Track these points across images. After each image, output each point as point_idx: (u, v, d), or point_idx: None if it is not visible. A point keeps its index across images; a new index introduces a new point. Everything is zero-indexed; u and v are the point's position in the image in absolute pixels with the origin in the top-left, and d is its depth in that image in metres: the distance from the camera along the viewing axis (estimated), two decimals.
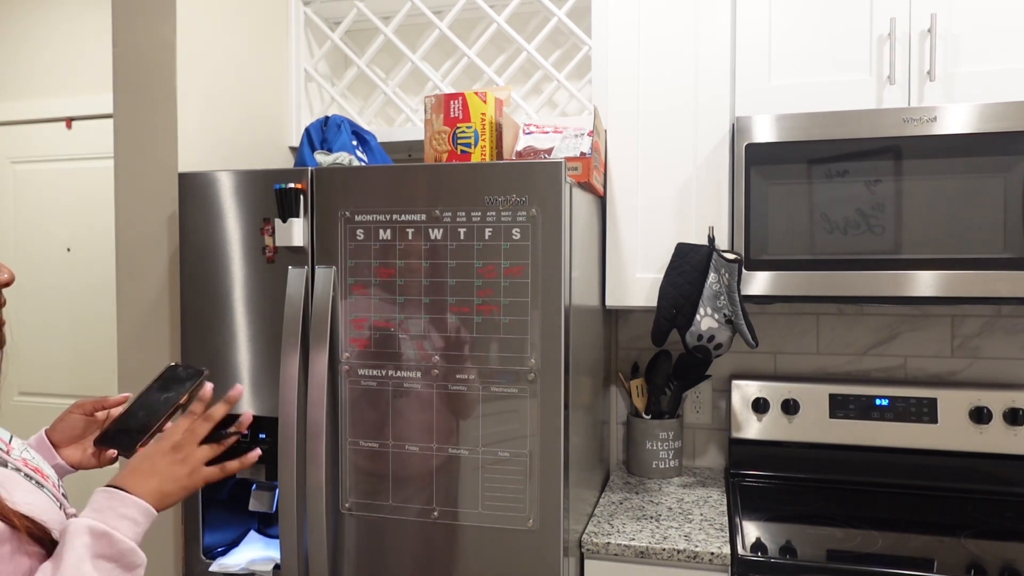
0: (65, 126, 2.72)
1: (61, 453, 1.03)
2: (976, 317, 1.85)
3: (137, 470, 0.88)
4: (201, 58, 1.65)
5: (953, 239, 1.48)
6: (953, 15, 1.54)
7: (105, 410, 1.07)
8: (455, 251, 1.37)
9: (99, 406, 1.06)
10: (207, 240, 1.51)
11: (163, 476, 0.88)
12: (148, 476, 0.87)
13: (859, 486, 1.81)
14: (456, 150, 1.53)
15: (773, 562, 1.39)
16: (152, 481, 0.87)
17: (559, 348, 1.33)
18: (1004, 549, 1.44)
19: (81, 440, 1.05)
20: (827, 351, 1.94)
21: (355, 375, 1.43)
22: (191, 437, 0.92)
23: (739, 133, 1.58)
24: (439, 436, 1.39)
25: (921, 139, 1.48)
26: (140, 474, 0.87)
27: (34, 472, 0.84)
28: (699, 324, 1.60)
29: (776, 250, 1.57)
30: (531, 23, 2.10)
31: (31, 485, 0.81)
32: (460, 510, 1.38)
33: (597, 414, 1.81)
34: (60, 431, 1.04)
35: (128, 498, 0.84)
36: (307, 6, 2.04)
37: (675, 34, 1.70)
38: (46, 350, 2.80)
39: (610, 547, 1.49)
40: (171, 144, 1.60)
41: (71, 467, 1.03)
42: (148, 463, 0.89)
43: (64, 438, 1.04)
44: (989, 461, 1.75)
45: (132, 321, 1.65)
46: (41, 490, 0.83)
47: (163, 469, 0.89)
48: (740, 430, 1.88)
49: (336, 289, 1.43)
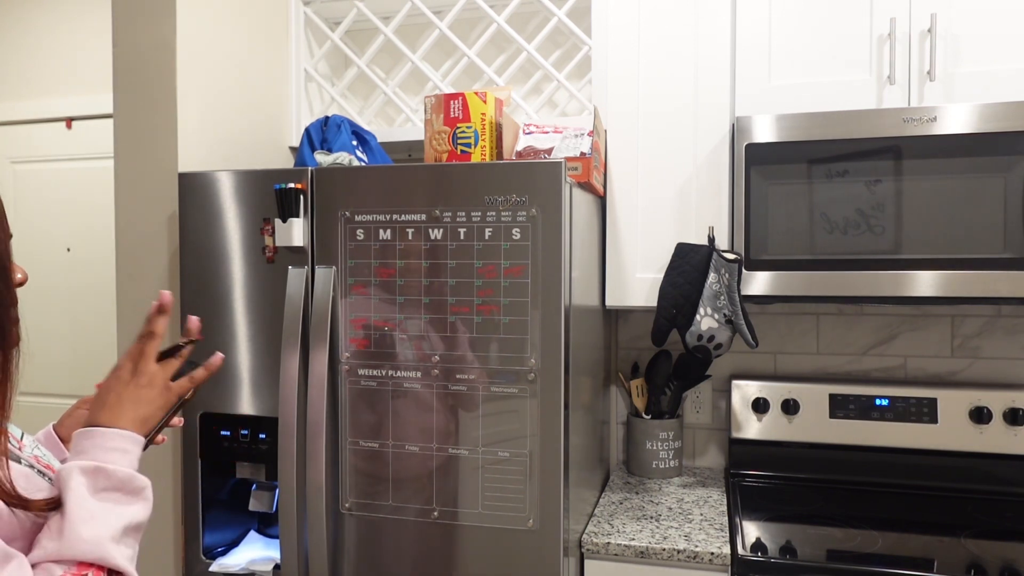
0: (65, 126, 2.73)
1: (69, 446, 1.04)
2: (976, 317, 1.85)
3: (105, 405, 0.86)
4: (201, 58, 1.65)
5: (953, 239, 1.48)
6: (953, 15, 1.54)
7: None
8: (455, 251, 1.37)
9: None
10: (207, 240, 1.51)
11: (134, 401, 0.86)
12: (118, 407, 0.85)
13: (859, 486, 1.81)
14: (456, 150, 1.53)
15: (773, 562, 1.39)
16: (125, 409, 0.85)
17: (559, 348, 1.33)
18: (1004, 549, 1.44)
19: None
20: (827, 351, 1.94)
21: (355, 375, 1.43)
22: (146, 358, 0.89)
23: (739, 133, 1.58)
24: (439, 436, 1.39)
25: (921, 139, 1.48)
26: (110, 407, 0.85)
27: (46, 469, 0.85)
28: (699, 324, 1.60)
29: (776, 250, 1.57)
30: (531, 23, 2.10)
31: (44, 482, 0.83)
32: (460, 510, 1.38)
33: (597, 414, 1.81)
34: (67, 426, 1.05)
35: (108, 431, 0.83)
36: (307, 6, 2.04)
37: (675, 34, 1.70)
38: (46, 350, 2.80)
39: (610, 547, 1.49)
40: (171, 144, 1.60)
41: None
42: (113, 395, 0.87)
43: (71, 433, 1.05)
44: (989, 461, 1.75)
45: (132, 321, 1.65)
46: (52, 486, 0.84)
47: (131, 395, 0.87)
48: (740, 430, 1.88)
49: (336, 289, 1.43)
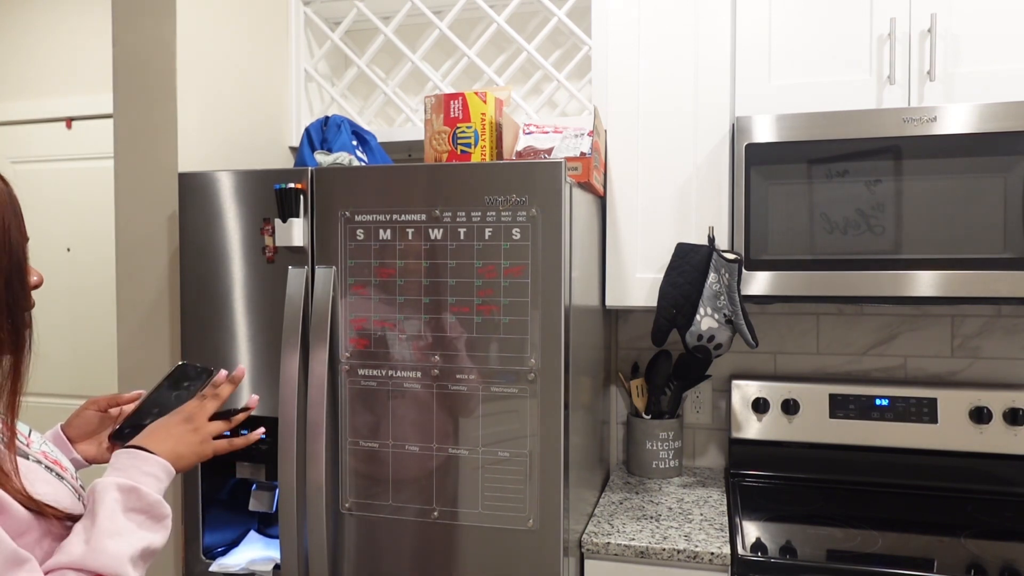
0: (65, 126, 2.72)
1: (77, 448, 1.06)
2: (976, 317, 1.85)
3: (154, 434, 0.94)
4: (201, 58, 1.65)
5: (953, 239, 1.48)
6: (953, 15, 1.54)
7: (119, 406, 1.10)
8: (455, 251, 1.37)
9: (113, 403, 1.09)
10: (207, 240, 1.51)
11: (177, 440, 0.95)
12: (164, 439, 0.94)
13: (859, 486, 1.81)
14: (456, 150, 1.53)
15: (773, 562, 1.39)
16: (168, 443, 0.93)
17: (559, 348, 1.33)
18: (1004, 549, 1.44)
19: (96, 435, 1.08)
20: (827, 351, 1.94)
21: (355, 375, 1.43)
22: (202, 411, 0.99)
23: (739, 133, 1.58)
24: (439, 436, 1.39)
25: (921, 139, 1.48)
26: (157, 437, 0.94)
27: (53, 464, 0.87)
28: (699, 324, 1.60)
29: (776, 250, 1.57)
30: (531, 23, 2.10)
31: (51, 476, 0.84)
32: (460, 510, 1.38)
33: (597, 414, 1.81)
34: (75, 427, 1.07)
35: (150, 457, 0.89)
36: (307, 6, 2.04)
37: (675, 34, 1.70)
38: (46, 350, 2.79)
39: (610, 547, 1.49)
40: (171, 144, 1.60)
41: (87, 461, 1.06)
42: (164, 429, 0.95)
43: (80, 433, 1.07)
44: (989, 461, 1.75)
45: (132, 321, 1.65)
46: (61, 482, 0.85)
47: (177, 434, 0.95)
48: (740, 430, 1.88)
49: (336, 289, 1.43)
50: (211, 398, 1.00)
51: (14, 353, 0.80)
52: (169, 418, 0.97)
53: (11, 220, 0.78)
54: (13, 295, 0.78)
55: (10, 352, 0.79)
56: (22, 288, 0.80)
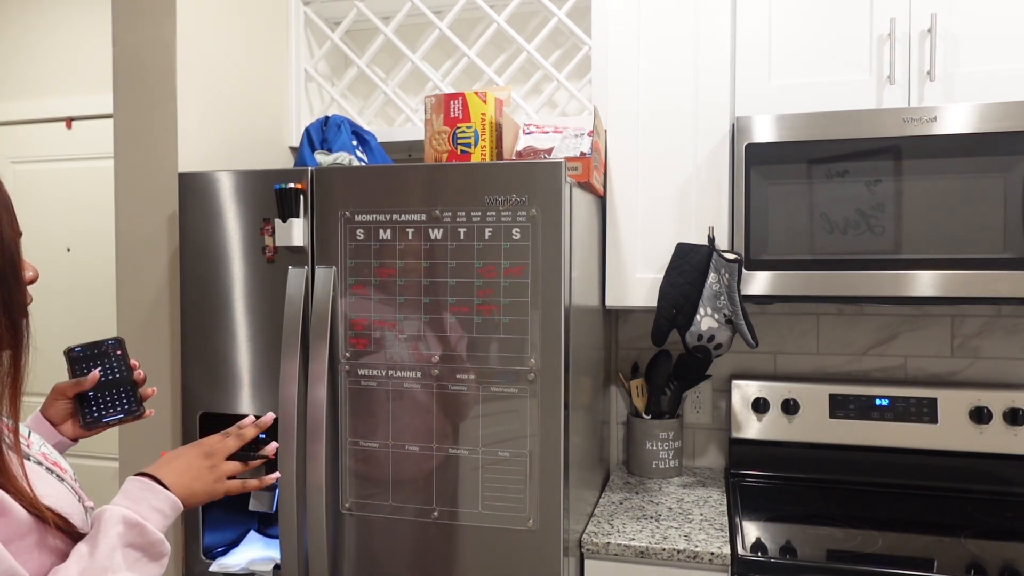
0: (65, 126, 2.72)
1: (59, 429, 1.05)
2: (976, 317, 1.85)
3: (172, 464, 0.93)
4: (201, 58, 1.65)
5: (953, 239, 1.48)
6: (953, 15, 1.54)
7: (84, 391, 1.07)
8: (455, 251, 1.37)
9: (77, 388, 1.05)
10: (207, 240, 1.51)
11: (195, 476, 0.94)
12: (182, 472, 0.93)
13: (859, 486, 1.81)
14: (456, 150, 1.53)
15: (773, 562, 1.39)
16: (185, 477, 0.92)
17: (559, 348, 1.33)
18: (1004, 549, 1.44)
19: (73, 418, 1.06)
20: (827, 351, 1.94)
21: (355, 375, 1.43)
22: (221, 449, 0.98)
23: (739, 133, 1.58)
24: (439, 436, 1.39)
25: (921, 139, 1.48)
26: (174, 468, 0.93)
27: (53, 466, 0.86)
28: (699, 324, 1.60)
29: (776, 250, 1.57)
30: (531, 23, 2.10)
31: (52, 478, 0.84)
32: (460, 510, 1.38)
33: (597, 414, 1.81)
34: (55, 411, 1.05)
35: (162, 492, 0.88)
36: (307, 6, 2.04)
37: (675, 34, 1.70)
38: (46, 350, 2.79)
39: (610, 547, 1.49)
40: (171, 144, 1.60)
41: (71, 440, 1.05)
42: (183, 460, 0.94)
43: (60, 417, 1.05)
44: (989, 461, 1.75)
45: (132, 321, 1.65)
46: (61, 483, 0.84)
47: (195, 469, 0.94)
48: (740, 430, 1.88)
49: (336, 289, 1.43)
50: (235, 437, 1.00)
51: (13, 348, 0.80)
52: (189, 449, 0.97)
53: (3, 215, 0.78)
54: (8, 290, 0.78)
55: (9, 347, 0.79)
56: (17, 283, 0.80)
